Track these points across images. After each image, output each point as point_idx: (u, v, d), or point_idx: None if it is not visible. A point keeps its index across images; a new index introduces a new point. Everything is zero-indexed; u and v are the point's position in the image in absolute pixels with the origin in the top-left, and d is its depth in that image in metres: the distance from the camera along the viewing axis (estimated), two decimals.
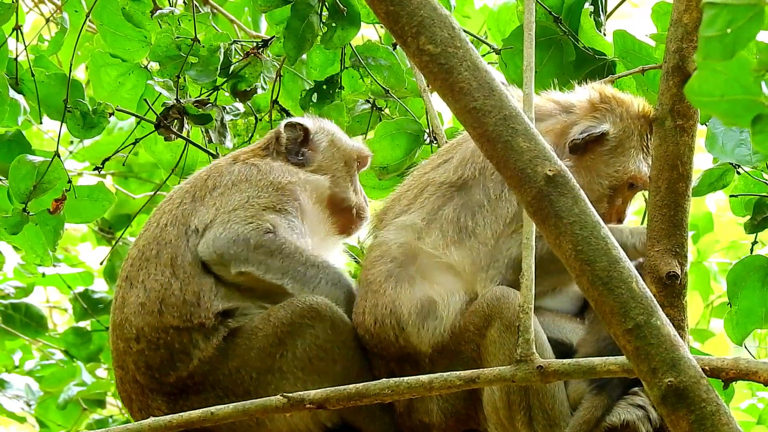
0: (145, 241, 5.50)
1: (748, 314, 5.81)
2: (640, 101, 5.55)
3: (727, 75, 3.27)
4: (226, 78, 6.53)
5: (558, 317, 5.38)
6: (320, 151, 5.82)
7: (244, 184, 5.55)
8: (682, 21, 4.95)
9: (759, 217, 5.91)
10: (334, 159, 5.84)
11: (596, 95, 5.56)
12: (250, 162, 5.67)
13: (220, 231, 5.39)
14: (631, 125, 5.49)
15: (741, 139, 5.41)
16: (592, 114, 5.51)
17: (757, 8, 3.15)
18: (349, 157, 5.88)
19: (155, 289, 5.36)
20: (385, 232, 5.51)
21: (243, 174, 5.60)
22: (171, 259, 5.40)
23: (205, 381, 5.31)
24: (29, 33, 7.11)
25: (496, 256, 5.33)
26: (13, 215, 6.06)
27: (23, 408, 9.03)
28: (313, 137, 5.84)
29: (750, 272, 5.80)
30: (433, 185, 5.51)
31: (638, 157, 5.47)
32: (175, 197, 5.61)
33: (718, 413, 4.06)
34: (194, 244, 5.42)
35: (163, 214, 5.55)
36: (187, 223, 5.47)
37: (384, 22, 4.30)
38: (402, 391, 4.54)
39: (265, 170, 5.62)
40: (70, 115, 6.25)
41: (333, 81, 6.65)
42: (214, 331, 5.31)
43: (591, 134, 5.44)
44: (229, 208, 5.46)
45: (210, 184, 5.58)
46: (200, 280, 5.35)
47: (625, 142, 5.49)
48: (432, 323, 5.31)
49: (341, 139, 5.92)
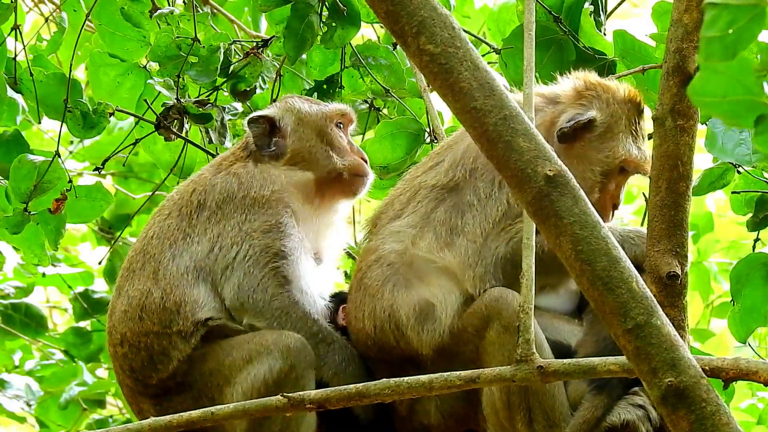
0: (134, 252, 5.60)
1: (751, 312, 5.80)
2: (625, 86, 5.55)
3: (728, 76, 3.27)
4: (226, 78, 6.52)
5: (555, 318, 5.38)
6: (289, 135, 5.73)
7: (229, 206, 5.53)
8: (682, 21, 4.94)
9: (761, 215, 5.91)
10: (304, 137, 5.74)
11: (581, 83, 5.55)
12: (231, 171, 5.63)
13: (239, 280, 5.44)
14: (618, 110, 5.49)
15: (741, 138, 5.41)
16: (578, 102, 5.50)
17: (758, 9, 3.15)
18: (320, 126, 5.76)
19: (136, 297, 5.45)
20: (379, 237, 5.51)
21: (225, 190, 5.56)
22: (153, 271, 5.47)
23: (184, 381, 5.39)
24: (28, 33, 7.11)
25: (484, 254, 5.32)
26: (14, 215, 6.06)
27: (23, 408, 9.03)
28: (279, 124, 5.74)
29: (753, 270, 5.80)
30: (425, 189, 5.51)
31: (627, 140, 5.46)
32: (164, 208, 5.65)
33: (718, 413, 4.06)
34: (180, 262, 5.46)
35: (152, 225, 5.61)
36: (171, 239, 5.51)
37: (384, 21, 4.30)
38: (402, 392, 4.54)
39: (246, 182, 5.58)
40: (70, 114, 6.25)
41: (333, 81, 6.65)
42: (194, 332, 5.39)
43: (578, 122, 5.43)
44: (227, 242, 5.47)
45: (195, 200, 5.57)
46: (184, 290, 5.41)
47: (614, 126, 5.48)
48: (431, 326, 5.30)
49: (309, 113, 5.79)
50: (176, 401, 5.39)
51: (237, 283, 5.41)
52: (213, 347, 5.39)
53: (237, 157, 5.72)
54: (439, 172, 5.52)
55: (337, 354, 5.40)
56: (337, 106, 5.87)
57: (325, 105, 5.87)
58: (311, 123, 5.77)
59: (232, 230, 5.49)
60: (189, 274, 5.44)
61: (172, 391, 5.40)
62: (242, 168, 5.64)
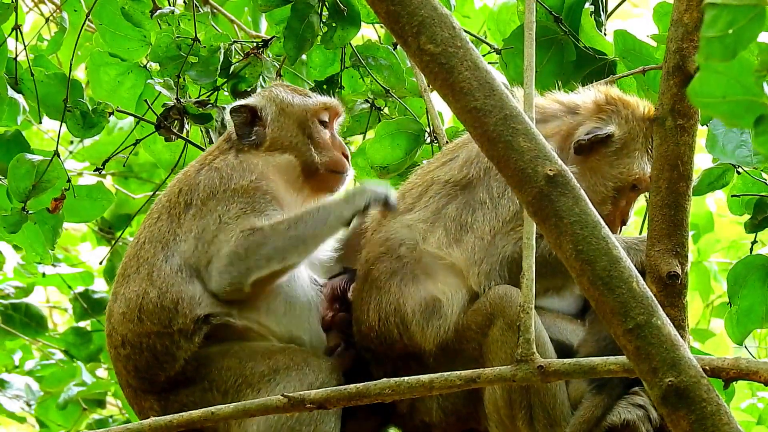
0: (127, 258, 5.59)
1: (748, 314, 5.80)
2: (645, 104, 5.55)
3: (728, 76, 3.27)
4: (226, 78, 6.52)
5: (559, 318, 5.38)
6: (269, 125, 5.71)
7: (212, 201, 5.52)
8: (682, 21, 4.94)
9: (759, 217, 5.91)
10: (284, 127, 5.71)
11: (602, 97, 5.55)
12: (213, 165, 5.61)
13: (216, 265, 5.40)
14: (636, 127, 5.49)
15: (741, 140, 5.41)
16: (597, 115, 5.51)
17: (758, 9, 3.15)
18: (301, 119, 5.74)
19: (133, 298, 5.45)
20: (389, 227, 5.49)
21: (208, 187, 5.55)
22: (148, 273, 5.46)
23: (194, 376, 5.39)
24: (29, 33, 7.11)
25: (491, 251, 5.33)
26: (13, 214, 6.06)
27: (23, 408, 9.03)
28: (261, 113, 5.72)
29: (750, 271, 5.80)
30: (437, 184, 5.51)
31: (643, 159, 5.47)
32: (153, 212, 5.65)
33: (718, 413, 4.06)
34: (173, 261, 5.45)
35: (143, 230, 5.61)
36: (163, 241, 5.51)
37: (384, 21, 4.30)
38: (403, 391, 4.54)
39: (226, 175, 5.56)
40: (70, 114, 6.25)
41: (333, 81, 6.64)
42: (196, 330, 5.38)
43: (596, 135, 5.44)
44: (209, 236, 5.45)
45: (182, 200, 5.56)
46: (180, 288, 5.41)
47: (630, 144, 5.49)
48: (436, 322, 5.31)
49: (291, 104, 5.76)
50: (183, 394, 5.39)
51: (217, 269, 5.40)
52: (229, 347, 5.39)
53: (221, 150, 5.70)
54: (453, 167, 5.53)
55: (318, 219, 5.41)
56: (322, 99, 5.83)
57: (310, 97, 5.83)
58: (293, 114, 5.74)
59: (213, 224, 5.47)
60: (182, 272, 5.43)
61: (180, 384, 5.40)
62: (222, 161, 5.62)
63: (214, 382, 5.36)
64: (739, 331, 5.83)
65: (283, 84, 5.95)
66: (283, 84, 5.95)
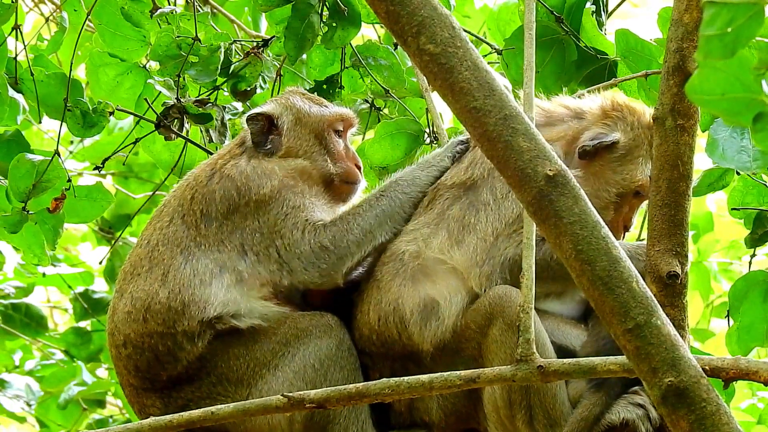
0: (137, 258, 5.55)
1: (749, 330, 5.78)
2: (651, 111, 5.55)
3: (727, 73, 3.27)
4: (227, 78, 6.52)
5: (563, 323, 5.38)
6: (285, 133, 5.72)
7: (236, 215, 5.51)
8: (682, 20, 4.94)
9: (759, 231, 5.90)
10: (300, 137, 5.72)
11: (608, 103, 5.56)
12: (225, 173, 5.59)
13: (298, 263, 5.47)
14: (642, 135, 5.50)
15: (742, 145, 5.40)
16: (603, 121, 5.52)
17: (757, 7, 3.15)
18: (318, 128, 5.75)
19: (141, 298, 5.43)
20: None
21: (226, 199, 5.52)
22: (163, 274, 5.44)
23: (200, 371, 5.38)
24: (29, 32, 7.11)
25: (493, 253, 5.33)
26: (13, 214, 6.05)
27: (23, 408, 9.04)
28: (278, 122, 5.73)
29: (751, 287, 5.78)
30: (443, 188, 5.53)
31: (646, 166, 5.47)
32: (163, 214, 5.60)
33: (718, 413, 4.05)
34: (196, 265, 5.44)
35: (153, 232, 5.56)
36: (182, 246, 5.47)
37: (384, 21, 4.29)
38: (402, 391, 4.54)
39: (242, 186, 5.54)
40: (70, 114, 6.25)
41: (333, 81, 6.64)
42: (202, 334, 5.37)
43: (601, 142, 5.46)
44: (261, 247, 5.47)
45: (197, 210, 5.53)
46: (193, 291, 5.40)
47: (635, 150, 5.50)
48: (434, 323, 5.32)
49: (309, 114, 5.77)
50: (187, 390, 5.38)
51: (301, 265, 5.45)
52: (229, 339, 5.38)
53: (232, 154, 5.69)
54: (459, 169, 5.55)
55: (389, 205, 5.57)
56: (339, 111, 5.85)
57: (326, 107, 5.84)
58: (309, 124, 5.76)
59: (254, 236, 5.48)
60: (205, 276, 5.40)
61: (184, 381, 5.39)
62: (234, 168, 5.60)
63: (223, 375, 5.36)
64: (740, 349, 5.80)
65: (299, 91, 5.93)
66: (299, 91, 5.93)
